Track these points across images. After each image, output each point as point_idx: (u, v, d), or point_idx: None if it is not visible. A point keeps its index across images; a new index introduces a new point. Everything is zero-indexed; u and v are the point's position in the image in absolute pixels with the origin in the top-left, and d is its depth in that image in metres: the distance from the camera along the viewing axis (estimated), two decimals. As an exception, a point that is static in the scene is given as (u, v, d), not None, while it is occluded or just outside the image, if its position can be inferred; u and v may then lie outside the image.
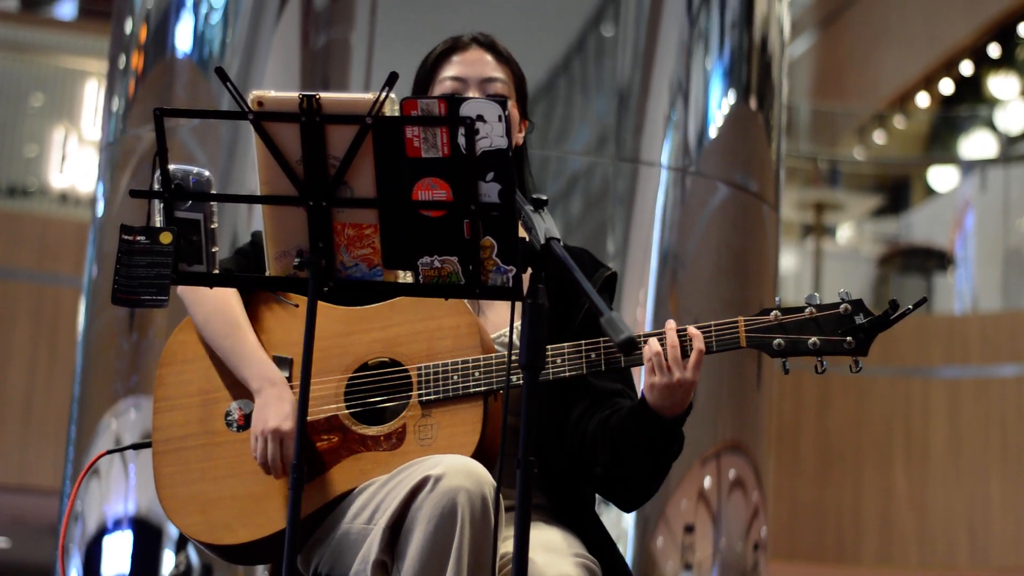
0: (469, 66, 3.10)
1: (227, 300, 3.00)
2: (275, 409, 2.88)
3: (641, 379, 2.92)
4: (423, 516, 2.65)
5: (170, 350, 3.05)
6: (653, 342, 2.82)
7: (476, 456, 2.80)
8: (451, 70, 3.10)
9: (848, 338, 2.84)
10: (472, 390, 2.87)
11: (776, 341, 2.85)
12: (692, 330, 2.83)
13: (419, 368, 2.90)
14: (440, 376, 2.89)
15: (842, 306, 2.85)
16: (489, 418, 2.87)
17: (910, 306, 2.79)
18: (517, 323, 2.89)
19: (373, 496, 2.79)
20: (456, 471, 2.67)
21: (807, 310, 2.86)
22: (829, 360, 2.87)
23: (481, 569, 2.66)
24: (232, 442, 2.95)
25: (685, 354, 2.82)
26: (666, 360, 2.81)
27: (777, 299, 2.90)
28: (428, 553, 2.64)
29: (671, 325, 2.84)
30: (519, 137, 3.16)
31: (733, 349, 2.87)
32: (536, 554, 2.75)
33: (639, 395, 2.91)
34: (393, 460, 2.85)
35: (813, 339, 2.84)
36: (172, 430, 2.99)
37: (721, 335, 2.86)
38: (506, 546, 2.82)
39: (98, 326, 5.17)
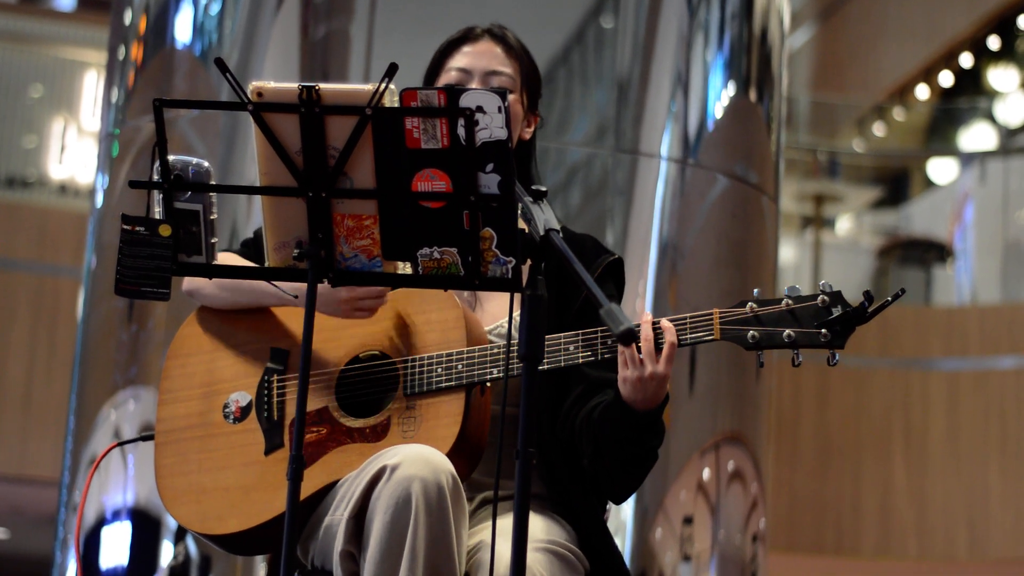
0: (476, 58, 3.11)
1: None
2: (321, 307, 2.87)
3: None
4: (380, 506, 2.67)
5: (176, 344, 3.08)
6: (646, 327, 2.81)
7: (458, 448, 2.81)
8: (458, 61, 3.11)
9: (823, 330, 2.79)
10: (454, 383, 2.87)
11: (750, 333, 2.82)
12: (665, 323, 2.81)
13: (405, 361, 2.91)
14: (425, 369, 2.90)
15: (819, 298, 2.80)
16: (473, 410, 2.87)
17: (888, 298, 2.75)
18: (516, 314, 2.89)
19: (348, 488, 2.81)
20: (412, 460, 2.68)
21: (784, 302, 2.82)
22: (810, 352, 2.85)
23: (439, 556, 2.67)
24: (228, 434, 2.98)
25: (659, 347, 2.80)
26: (639, 353, 2.79)
27: (756, 291, 2.88)
28: (386, 542, 2.66)
29: (647, 318, 2.82)
30: (528, 132, 3.16)
31: (708, 342, 2.85)
32: (503, 542, 2.74)
33: None
34: (376, 452, 2.86)
35: (788, 331, 2.80)
36: (173, 422, 3.02)
37: (696, 327, 2.84)
38: (475, 537, 2.83)
39: (97, 317, 5.17)
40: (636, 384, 2.80)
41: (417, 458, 2.68)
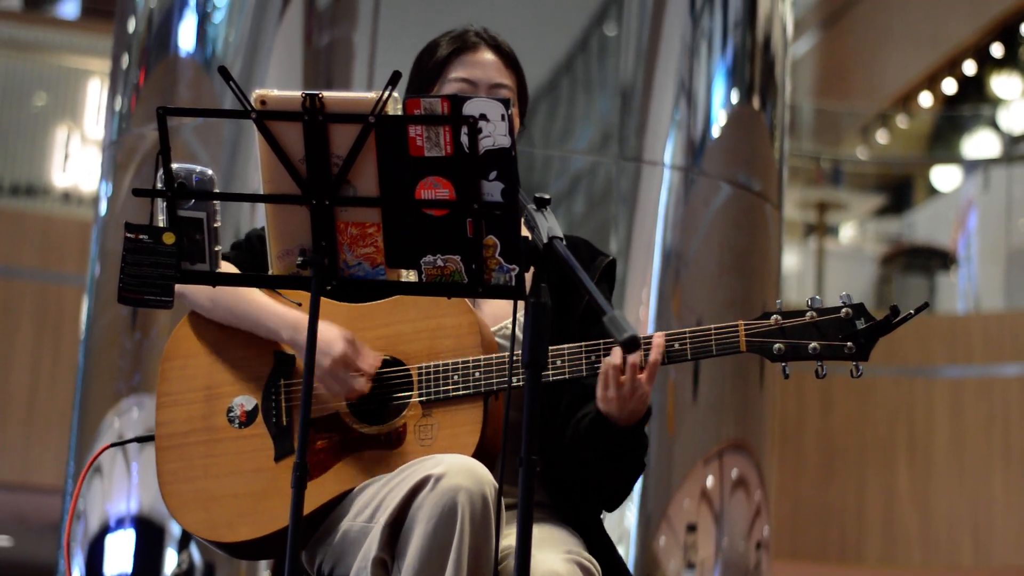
0: (480, 69, 3.09)
1: None
2: (319, 347, 2.85)
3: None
4: (423, 515, 2.66)
5: (173, 345, 3.05)
6: (617, 354, 2.81)
7: (477, 456, 2.80)
8: (461, 71, 3.09)
9: (849, 343, 2.82)
10: (472, 390, 2.87)
11: (776, 346, 2.84)
12: (656, 339, 2.82)
13: (420, 367, 2.91)
14: (440, 376, 2.89)
15: (843, 310, 2.83)
16: (490, 418, 2.87)
17: (911, 311, 2.78)
18: (519, 316, 2.89)
19: (375, 495, 2.79)
20: (457, 470, 2.67)
21: (808, 314, 2.84)
22: (831, 363, 2.86)
23: (481, 568, 2.67)
24: (234, 439, 2.96)
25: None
26: (623, 373, 2.80)
27: (779, 302, 2.89)
28: (428, 552, 2.65)
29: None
30: None
31: (733, 353, 2.86)
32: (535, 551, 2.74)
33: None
34: (393, 459, 2.85)
35: (813, 344, 2.83)
36: (175, 425, 3.00)
37: (721, 339, 2.85)
38: (505, 541, 2.82)
39: (101, 325, 5.17)
40: (616, 402, 2.82)
41: (461, 468, 2.68)
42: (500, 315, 3.05)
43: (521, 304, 2.54)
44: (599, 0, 5.17)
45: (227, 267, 2.99)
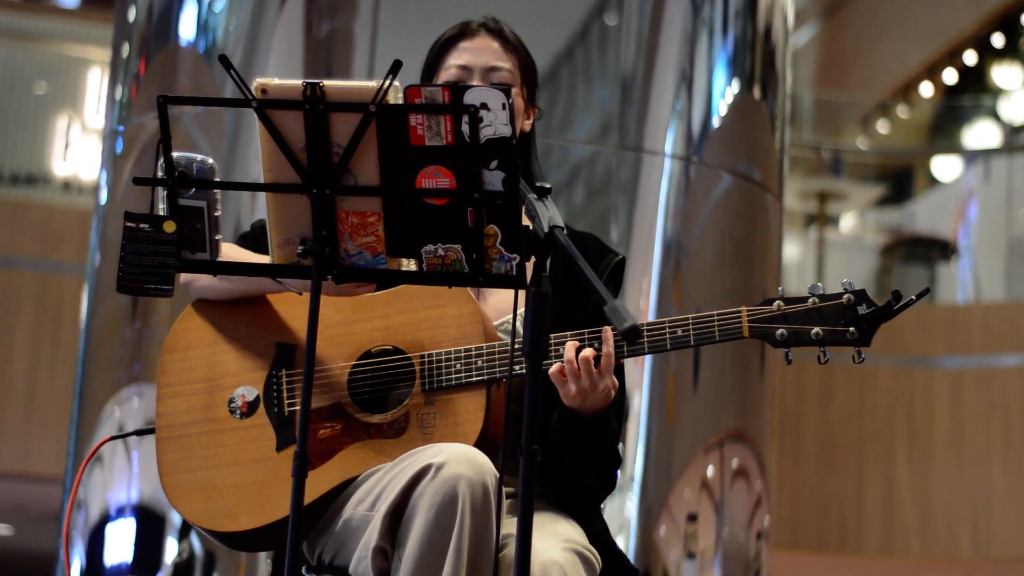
0: (475, 54, 3.10)
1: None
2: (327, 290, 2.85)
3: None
4: (424, 504, 2.66)
5: (173, 337, 3.05)
6: (569, 349, 2.82)
7: (479, 445, 2.80)
8: (457, 57, 3.10)
9: (851, 328, 2.84)
10: (475, 379, 2.87)
11: (779, 332, 2.85)
12: (605, 333, 2.83)
13: (422, 356, 2.91)
14: (443, 365, 2.89)
15: (845, 296, 2.85)
16: (492, 407, 2.87)
17: (913, 296, 2.80)
18: (520, 310, 2.89)
19: (376, 484, 2.79)
20: (457, 459, 2.67)
21: (810, 300, 2.86)
22: (832, 350, 2.87)
23: (481, 557, 2.67)
24: (235, 429, 2.96)
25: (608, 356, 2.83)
26: (579, 368, 2.81)
27: (780, 288, 2.90)
28: (428, 540, 2.65)
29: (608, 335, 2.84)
30: (527, 124, 3.17)
31: (736, 339, 2.87)
32: (536, 539, 2.74)
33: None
34: (396, 448, 2.85)
35: (816, 329, 2.84)
36: (175, 417, 3.00)
37: (724, 325, 2.86)
38: (504, 530, 2.82)
39: (101, 314, 5.17)
40: (577, 397, 2.84)
41: (462, 457, 2.68)
42: (503, 309, 3.05)
43: (522, 300, 2.54)
44: (600, -11, 5.17)
45: (232, 248, 2.99)
